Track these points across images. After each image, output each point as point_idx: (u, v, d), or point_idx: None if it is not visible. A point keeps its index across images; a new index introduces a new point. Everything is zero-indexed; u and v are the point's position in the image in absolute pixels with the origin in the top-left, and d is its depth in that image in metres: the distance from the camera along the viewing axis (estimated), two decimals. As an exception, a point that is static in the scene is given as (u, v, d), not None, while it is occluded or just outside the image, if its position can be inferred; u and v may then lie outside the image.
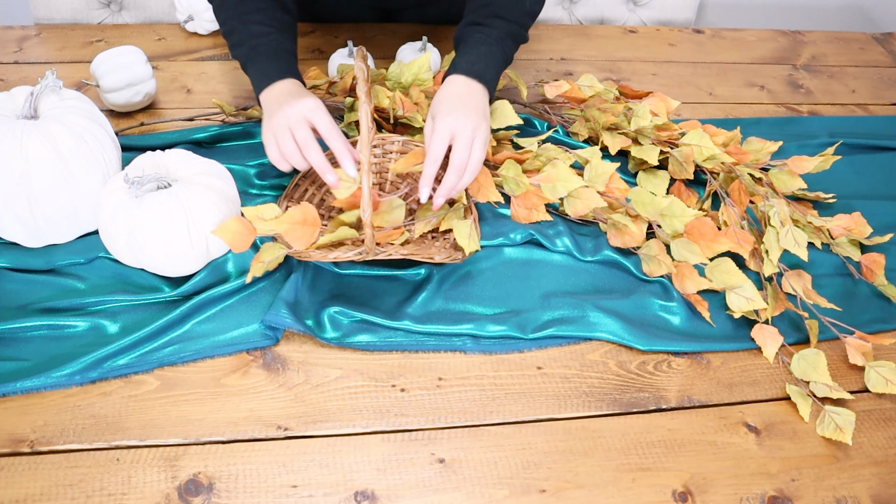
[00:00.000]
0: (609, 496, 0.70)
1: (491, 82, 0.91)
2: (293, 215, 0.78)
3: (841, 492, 0.72)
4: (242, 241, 0.77)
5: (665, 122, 1.04)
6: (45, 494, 0.66)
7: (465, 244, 0.84)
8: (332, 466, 0.70)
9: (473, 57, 0.91)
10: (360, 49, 0.83)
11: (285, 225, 0.78)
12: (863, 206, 1.01)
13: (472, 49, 0.92)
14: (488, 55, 0.91)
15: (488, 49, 0.92)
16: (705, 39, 1.42)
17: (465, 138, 0.83)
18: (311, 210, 0.79)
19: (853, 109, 1.27)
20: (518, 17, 0.95)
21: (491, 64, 0.91)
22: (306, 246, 0.79)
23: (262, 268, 0.79)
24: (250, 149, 1.03)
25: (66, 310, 0.79)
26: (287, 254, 0.80)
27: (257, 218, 0.78)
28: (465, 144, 0.83)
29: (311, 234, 0.79)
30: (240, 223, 0.77)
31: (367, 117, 0.74)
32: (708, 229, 0.89)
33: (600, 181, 0.93)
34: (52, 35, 1.24)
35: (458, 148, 0.83)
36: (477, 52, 0.91)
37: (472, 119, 0.84)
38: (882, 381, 0.81)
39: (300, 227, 0.79)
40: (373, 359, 0.79)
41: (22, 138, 0.79)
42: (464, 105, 0.85)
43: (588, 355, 0.82)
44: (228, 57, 1.21)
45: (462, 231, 0.85)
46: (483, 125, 0.85)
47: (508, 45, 0.94)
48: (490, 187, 0.91)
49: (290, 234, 0.78)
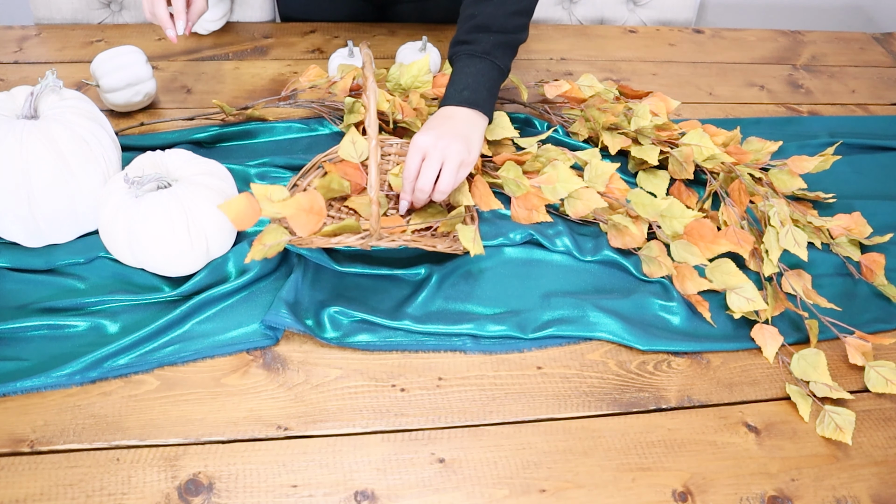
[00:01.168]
0: (609, 496, 0.70)
1: (483, 104, 0.90)
2: (300, 201, 0.76)
3: (841, 492, 0.72)
4: (247, 219, 0.74)
5: (665, 122, 1.04)
6: (45, 494, 0.66)
7: (470, 247, 0.84)
8: (332, 466, 0.70)
9: (462, 84, 0.91)
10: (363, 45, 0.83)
11: (292, 209, 0.76)
12: (863, 206, 1.01)
13: (459, 74, 0.92)
14: (476, 75, 0.91)
15: (475, 69, 0.91)
16: (705, 39, 1.42)
17: (434, 159, 0.84)
18: (318, 199, 0.78)
19: (853, 109, 1.27)
20: (503, 24, 0.92)
21: (480, 84, 0.91)
22: (309, 234, 0.78)
23: (262, 251, 0.77)
24: (250, 149, 1.03)
25: (66, 310, 0.79)
26: (290, 241, 0.78)
27: (265, 198, 0.76)
28: (433, 165, 0.84)
29: (315, 223, 0.78)
30: (246, 201, 0.74)
31: (374, 95, 0.74)
32: (707, 230, 0.89)
33: (600, 182, 0.93)
34: (52, 35, 1.24)
35: (424, 169, 0.84)
36: (464, 78, 0.91)
37: (444, 140, 0.84)
38: (882, 380, 0.81)
39: (306, 214, 0.77)
40: (373, 359, 0.79)
41: (22, 138, 0.79)
42: (442, 126, 0.86)
43: (588, 355, 0.82)
44: (228, 57, 1.22)
45: (466, 235, 0.85)
46: (454, 147, 0.84)
47: (500, 55, 0.93)
48: (489, 197, 0.92)
49: (295, 220, 0.76)
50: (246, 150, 1.03)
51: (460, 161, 0.85)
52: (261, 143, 1.05)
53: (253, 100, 1.11)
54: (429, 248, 0.82)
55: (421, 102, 1.03)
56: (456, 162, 0.85)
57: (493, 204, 0.92)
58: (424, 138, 0.85)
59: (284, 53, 1.24)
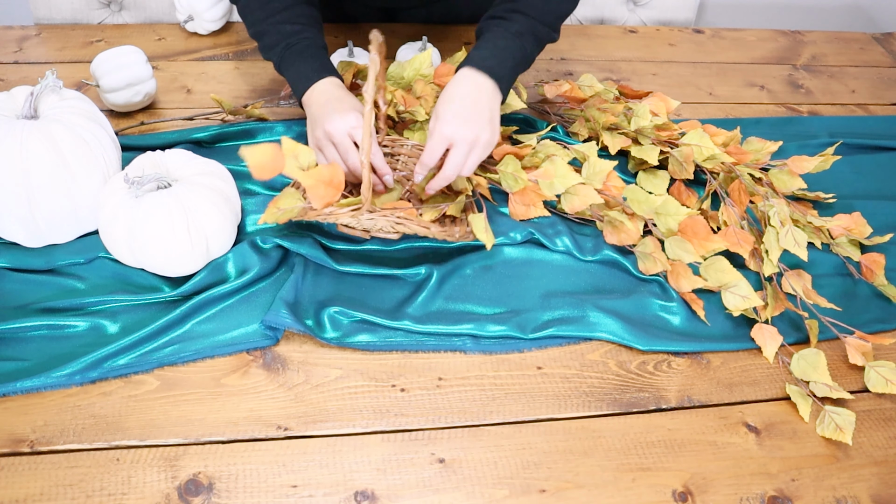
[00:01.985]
0: (609, 496, 0.70)
1: (503, 80, 0.89)
2: (322, 172, 0.76)
3: (841, 492, 0.72)
4: (267, 170, 0.72)
5: (665, 122, 1.04)
6: (45, 494, 0.66)
7: (483, 237, 0.84)
8: (332, 466, 0.70)
9: (488, 52, 0.89)
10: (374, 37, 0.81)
11: (312, 180, 0.75)
12: (863, 206, 1.01)
13: (487, 43, 0.90)
14: (504, 50, 0.90)
15: (505, 44, 0.90)
16: (705, 39, 1.42)
17: (462, 148, 0.84)
18: (339, 172, 0.77)
19: (853, 109, 1.27)
20: (541, 14, 0.93)
21: (506, 60, 0.90)
22: (323, 205, 0.77)
23: (276, 214, 0.77)
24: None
25: (66, 310, 0.79)
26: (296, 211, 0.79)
27: (293, 154, 0.74)
28: (462, 154, 0.84)
29: (332, 195, 0.77)
30: (273, 152, 0.71)
31: (374, 74, 0.73)
32: (701, 228, 0.89)
33: (598, 178, 0.93)
34: (52, 35, 1.24)
35: (453, 156, 0.84)
36: (492, 47, 0.90)
37: (472, 129, 0.83)
38: (882, 380, 0.81)
39: (324, 186, 0.76)
40: (373, 359, 0.79)
41: (22, 138, 0.79)
42: (468, 111, 0.85)
43: (588, 355, 0.82)
44: (228, 57, 1.21)
45: (479, 225, 0.85)
46: (484, 134, 0.84)
47: (529, 41, 0.92)
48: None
49: (314, 191, 0.76)
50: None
51: (487, 144, 0.85)
52: (261, 142, 1.05)
53: (253, 100, 1.11)
54: (422, 228, 0.80)
55: (427, 89, 1.02)
56: (483, 150, 0.84)
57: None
58: (450, 129, 0.83)
59: (284, 53, 1.24)
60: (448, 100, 0.86)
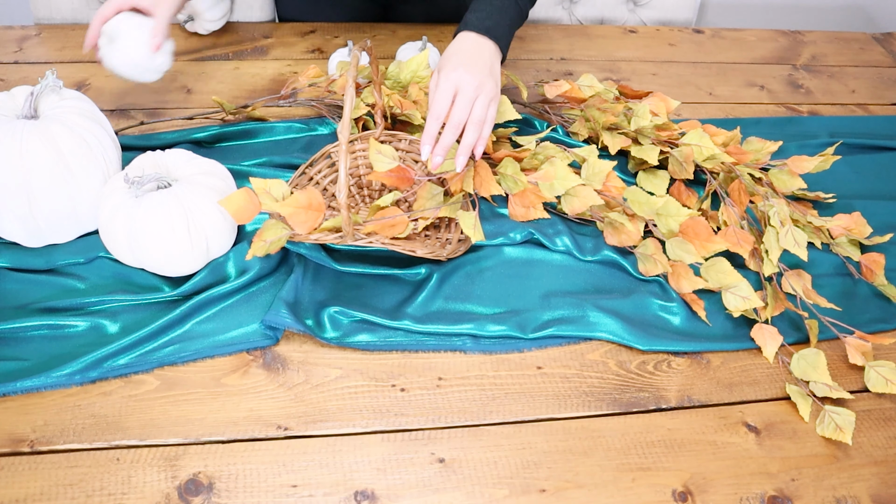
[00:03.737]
0: (609, 496, 0.70)
1: (502, 39, 0.88)
2: (299, 199, 0.77)
3: (841, 492, 0.72)
4: (246, 214, 0.76)
5: (665, 122, 1.04)
6: (45, 494, 0.66)
7: (470, 233, 0.84)
8: (332, 466, 0.70)
9: (484, 13, 0.89)
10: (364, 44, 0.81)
11: (290, 208, 0.77)
12: (863, 206, 1.01)
13: (483, 4, 0.90)
14: (500, 10, 0.89)
15: (501, 3, 0.90)
16: (705, 39, 1.42)
17: (467, 94, 0.82)
18: (316, 195, 0.78)
19: (853, 109, 1.27)
20: None
21: (503, 19, 0.89)
22: (309, 231, 0.78)
23: (263, 247, 0.78)
24: (250, 149, 1.03)
25: (66, 310, 0.80)
26: (284, 240, 0.79)
27: (265, 192, 0.77)
28: (467, 100, 0.82)
29: (314, 219, 0.78)
30: (247, 196, 0.76)
31: (350, 99, 0.73)
32: (702, 229, 0.89)
33: (597, 179, 0.93)
34: (52, 35, 1.24)
35: (458, 103, 0.82)
36: (489, 8, 0.89)
37: (476, 76, 0.82)
38: (882, 380, 0.81)
39: (304, 212, 0.77)
40: (373, 359, 0.79)
41: (22, 138, 0.79)
42: (470, 61, 0.84)
43: (588, 355, 0.82)
44: (228, 57, 1.22)
45: (467, 221, 0.85)
46: (488, 83, 0.83)
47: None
48: (490, 181, 0.91)
49: (294, 218, 0.77)
50: (246, 149, 1.03)
51: (493, 96, 0.83)
52: (261, 142, 1.05)
53: (253, 100, 1.11)
54: (408, 252, 0.80)
55: (420, 95, 1.03)
56: (490, 96, 0.83)
57: (494, 189, 0.90)
58: (456, 74, 0.82)
59: (284, 53, 1.24)
60: (448, 56, 0.85)
